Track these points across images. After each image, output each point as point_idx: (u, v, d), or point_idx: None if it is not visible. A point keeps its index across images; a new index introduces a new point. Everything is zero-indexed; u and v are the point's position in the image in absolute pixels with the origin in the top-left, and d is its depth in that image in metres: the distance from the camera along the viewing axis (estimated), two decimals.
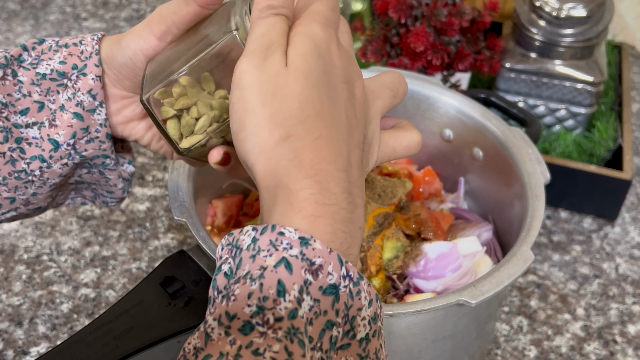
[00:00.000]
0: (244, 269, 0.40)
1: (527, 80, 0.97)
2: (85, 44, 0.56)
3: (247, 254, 0.40)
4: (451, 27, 0.93)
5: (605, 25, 0.94)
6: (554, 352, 0.79)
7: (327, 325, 0.39)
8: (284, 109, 0.43)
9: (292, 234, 0.40)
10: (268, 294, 0.38)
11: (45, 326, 0.78)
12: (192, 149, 0.54)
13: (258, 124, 0.43)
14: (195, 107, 0.54)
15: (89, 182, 0.62)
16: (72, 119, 0.56)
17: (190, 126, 0.54)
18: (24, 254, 0.86)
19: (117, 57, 0.56)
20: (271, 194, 0.43)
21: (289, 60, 0.44)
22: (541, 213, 0.66)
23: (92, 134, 0.57)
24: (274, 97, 0.43)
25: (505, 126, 0.74)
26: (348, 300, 0.40)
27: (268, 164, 0.43)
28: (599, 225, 0.93)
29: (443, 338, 0.63)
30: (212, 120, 0.53)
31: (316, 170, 0.42)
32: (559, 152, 0.96)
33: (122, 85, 0.57)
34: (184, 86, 0.53)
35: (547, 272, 0.87)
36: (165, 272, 0.62)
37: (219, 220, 0.75)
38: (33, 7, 1.28)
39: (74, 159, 0.57)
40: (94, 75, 0.56)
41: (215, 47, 0.51)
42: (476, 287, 0.59)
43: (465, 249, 0.71)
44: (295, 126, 0.43)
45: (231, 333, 0.37)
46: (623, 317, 0.83)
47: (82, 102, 0.56)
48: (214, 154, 0.54)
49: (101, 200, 0.65)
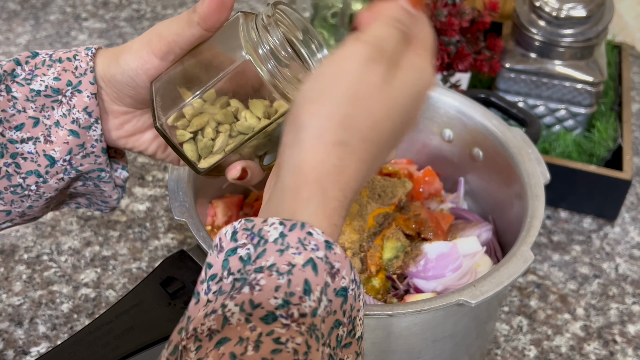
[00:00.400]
0: (267, 259, 0.40)
1: (527, 81, 0.97)
2: (80, 59, 0.56)
3: (274, 247, 0.41)
4: (451, 27, 0.93)
5: (605, 26, 0.94)
6: (553, 352, 0.79)
7: (336, 324, 0.41)
8: (359, 119, 0.44)
9: (320, 236, 0.41)
10: (295, 290, 0.40)
11: (45, 326, 0.78)
12: (210, 167, 0.55)
13: (332, 112, 0.43)
14: (209, 127, 0.54)
15: (84, 193, 0.62)
16: (68, 135, 0.56)
17: (208, 147, 0.55)
18: (24, 254, 0.86)
19: (116, 76, 0.55)
20: (309, 185, 0.43)
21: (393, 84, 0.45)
22: (541, 213, 0.66)
23: (87, 150, 0.57)
24: (359, 103, 0.44)
25: (505, 126, 0.74)
26: (353, 302, 0.42)
27: (318, 154, 0.43)
28: (598, 225, 0.93)
29: (443, 338, 0.63)
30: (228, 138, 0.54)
31: (348, 186, 0.44)
32: (558, 152, 0.96)
33: (122, 102, 0.57)
34: (197, 107, 0.53)
35: (547, 272, 0.87)
36: (165, 272, 0.62)
37: (219, 220, 0.75)
38: (33, 7, 1.28)
39: (69, 173, 0.57)
40: (89, 93, 0.55)
41: (229, 72, 0.51)
42: (476, 287, 0.59)
43: (465, 249, 0.71)
44: (356, 140, 0.44)
45: (252, 320, 0.38)
46: (623, 317, 0.83)
47: (77, 119, 0.56)
48: (232, 171, 0.55)
49: (95, 208, 0.65)
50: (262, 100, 0.53)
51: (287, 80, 0.52)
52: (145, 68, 0.54)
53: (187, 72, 0.54)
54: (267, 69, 0.51)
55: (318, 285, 0.40)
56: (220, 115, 0.54)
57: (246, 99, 0.54)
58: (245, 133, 0.54)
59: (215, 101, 0.54)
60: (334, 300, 0.41)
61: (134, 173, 0.96)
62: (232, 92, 0.53)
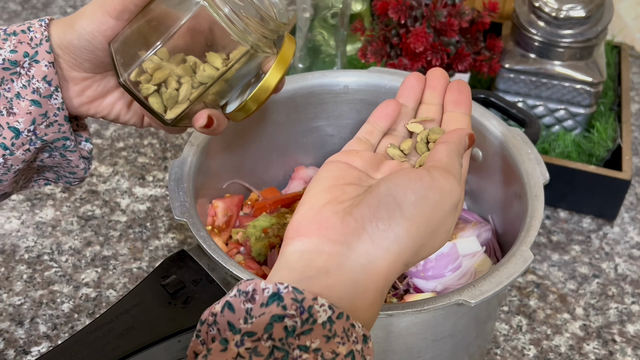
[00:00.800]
0: (313, 341, 0.41)
1: (526, 81, 0.97)
2: (34, 30, 0.57)
3: (322, 331, 0.42)
4: (451, 28, 0.94)
5: (605, 26, 0.94)
6: (553, 352, 0.79)
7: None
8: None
9: (360, 329, 0.43)
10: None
11: (46, 326, 0.78)
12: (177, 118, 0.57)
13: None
14: (172, 78, 0.56)
15: (51, 166, 0.63)
16: (30, 106, 0.57)
17: (173, 97, 0.57)
18: (24, 253, 0.86)
19: (73, 41, 0.56)
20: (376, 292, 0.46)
21: None
22: (540, 213, 0.66)
23: (50, 119, 0.58)
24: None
25: (504, 126, 0.75)
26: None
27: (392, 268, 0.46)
28: (598, 225, 0.94)
29: (442, 338, 0.63)
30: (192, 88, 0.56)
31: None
32: (558, 153, 0.96)
33: (81, 68, 0.58)
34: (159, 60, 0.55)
35: (546, 272, 0.87)
36: (165, 271, 0.62)
37: (219, 220, 0.75)
38: (34, 8, 1.28)
39: (35, 144, 0.58)
40: (46, 62, 0.56)
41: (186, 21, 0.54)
42: (476, 286, 0.59)
43: (464, 248, 0.71)
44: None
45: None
46: (622, 316, 0.83)
47: (38, 89, 0.57)
48: (199, 119, 0.57)
49: (64, 181, 0.66)
50: (218, 54, 0.56)
51: (243, 21, 0.54)
52: (101, 29, 0.55)
53: (145, 27, 0.56)
54: (224, 14, 0.53)
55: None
56: (179, 70, 0.56)
57: (202, 54, 0.56)
58: (207, 82, 0.56)
59: (171, 59, 0.56)
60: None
61: (135, 173, 0.97)
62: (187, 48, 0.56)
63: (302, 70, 1.01)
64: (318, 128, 0.83)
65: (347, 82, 0.80)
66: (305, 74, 0.80)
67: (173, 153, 1.00)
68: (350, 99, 0.81)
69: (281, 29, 0.57)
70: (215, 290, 0.61)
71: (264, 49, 0.56)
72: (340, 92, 0.81)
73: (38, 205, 0.92)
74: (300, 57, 1.00)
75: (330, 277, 0.44)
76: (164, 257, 0.85)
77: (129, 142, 1.01)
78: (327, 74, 0.80)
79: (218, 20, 0.54)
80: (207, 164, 0.72)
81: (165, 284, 0.61)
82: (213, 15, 0.53)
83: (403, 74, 0.80)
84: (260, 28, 0.55)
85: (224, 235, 0.75)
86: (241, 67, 0.56)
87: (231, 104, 0.60)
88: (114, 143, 1.01)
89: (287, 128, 0.81)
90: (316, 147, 0.85)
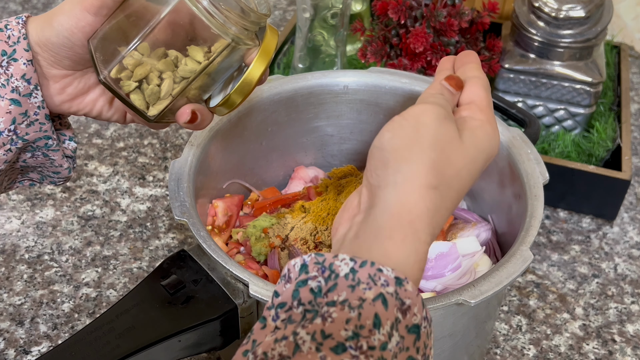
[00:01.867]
0: (340, 294, 0.42)
1: (526, 81, 0.97)
2: (11, 28, 0.56)
3: (345, 282, 0.42)
4: (450, 28, 0.94)
5: (604, 26, 0.94)
6: (552, 352, 0.79)
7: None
8: (443, 167, 0.46)
9: (390, 272, 0.42)
10: (365, 323, 0.41)
11: (46, 325, 0.78)
12: (159, 114, 0.57)
13: (422, 158, 0.46)
14: (153, 74, 0.55)
15: (34, 166, 0.63)
16: (9, 105, 0.56)
17: (155, 94, 0.56)
18: (25, 253, 0.86)
19: (51, 38, 0.56)
20: (403, 228, 0.45)
21: (465, 142, 0.48)
22: (540, 213, 0.66)
23: (31, 117, 0.57)
24: (442, 152, 0.47)
25: (504, 126, 0.75)
26: (426, 340, 0.43)
27: (413, 196, 0.45)
28: (597, 225, 0.94)
29: (442, 337, 0.63)
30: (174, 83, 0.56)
31: (435, 232, 0.46)
32: (557, 152, 0.96)
33: (61, 65, 0.57)
34: (140, 56, 0.55)
35: (546, 272, 0.87)
36: (165, 271, 0.62)
37: (219, 220, 0.75)
38: (34, 8, 1.28)
39: (16, 143, 0.58)
40: (25, 60, 0.56)
41: (165, 15, 0.53)
42: (475, 286, 0.59)
43: (464, 248, 0.71)
44: (443, 186, 0.46)
45: (322, 350, 0.39)
46: (622, 316, 0.83)
47: (17, 87, 0.56)
48: (182, 114, 0.57)
49: (49, 181, 0.65)
50: (200, 47, 0.55)
51: (223, 13, 0.53)
52: (80, 26, 0.55)
53: (123, 23, 0.55)
54: (203, 7, 0.53)
55: (388, 320, 0.41)
56: (160, 65, 0.55)
57: (183, 48, 0.56)
58: (188, 77, 0.56)
59: (152, 54, 0.55)
60: (406, 337, 0.42)
61: (135, 173, 0.97)
62: (168, 43, 0.55)
63: (302, 70, 1.01)
64: (318, 128, 0.83)
65: (347, 82, 0.81)
66: (305, 74, 0.80)
67: (173, 153, 1.00)
68: (350, 99, 0.82)
69: (262, 20, 0.56)
70: (215, 290, 0.61)
71: (246, 42, 0.56)
72: (340, 92, 0.81)
73: (38, 205, 0.92)
74: (300, 57, 1.00)
75: (358, 239, 0.45)
76: (164, 257, 0.86)
77: (129, 142, 1.02)
78: (327, 74, 0.80)
79: (197, 13, 0.53)
80: (207, 164, 0.72)
81: (165, 283, 0.61)
82: (192, 9, 0.53)
83: (403, 74, 0.80)
84: (241, 20, 0.54)
85: (224, 235, 0.75)
86: (223, 60, 0.56)
87: (215, 98, 0.60)
88: (114, 143, 1.01)
89: (287, 128, 0.81)
90: (316, 147, 0.85)
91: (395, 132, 0.47)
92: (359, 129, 0.84)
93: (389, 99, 0.81)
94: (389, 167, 0.46)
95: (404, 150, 0.46)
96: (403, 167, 0.46)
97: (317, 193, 0.78)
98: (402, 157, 0.46)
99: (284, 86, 0.78)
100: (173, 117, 0.58)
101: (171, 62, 0.56)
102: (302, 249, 0.70)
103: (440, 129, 0.47)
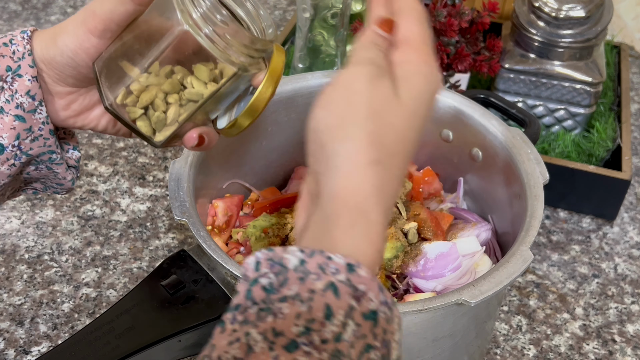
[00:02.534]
0: (291, 289, 0.40)
1: (526, 81, 0.97)
2: (16, 43, 0.56)
3: (295, 275, 0.40)
4: (450, 28, 0.94)
5: (604, 26, 0.94)
6: (553, 352, 0.79)
7: (366, 349, 0.40)
8: (384, 135, 0.43)
9: (340, 259, 0.40)
10: (316, 316, 0.39)
11: (46, 325, 0.78)
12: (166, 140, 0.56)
13: (358, 133, 0.43)
14: (158, 99, 0.55)
15: (38, 177, 0.62)
16: (14, 121, 0.56)
17: (161, 121, 0.55)
18: (25, 253, 0.86)
19: (55, 57, 0.55)
20: (349, 212, 0.42)
21: (403, 96, 0.45)
22: (540, 213, 0.66)
23: (35, 133, 0.57)
24: (380, 118, 0.43)
25: (504, 126, 0.75)
26: (385, 325, 0.41)
27: (355, 177, 0.43)
28: (597, 225, 0.94)
29: (442, 337, 0.63)
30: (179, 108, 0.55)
31: (388, 206, 0.43)
32: (558, 152, 0.96)
33: (65, 82, 0.57)
34: (144, 82, 0.54)
35: (546, 272, 0.87)
36: (165, 271, 0.62)
37: (219, 220, 0.75)
38: (34, 8, 1.28)
39: (20, 158, 0.57)
40: (30, 76, 0.55)
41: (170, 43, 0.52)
42: (475, 286, 0.59)
43: (464, 248, 0.71)
44: (387, 156, 0.43)
45: (275, 349, 0.38)
46: (622, 316, 0.83)
47: (21, 104, 0.56)
48: (189, 139, 0.56)
49: (52, 191, 0.65)
50: (205, 64, 0.54)
51: (228, 43, 0.52)
52: (84, 47, 0.54)
53: (127, 48, 0.55)
54: (205, 35, 0.51)
55: (341, 309, 0.40)
56: (166, 86, 0.54)
57: (189, 65, 0.54)
58: (195, 100, 0.55)
59: (159, 71, 0.54)
60: (362, 324, 0.40)
61: (135, 173, 0.97)
62: (174, 60, 0.54)
63: (302, 70, 1.01)
64: None
65: None
66: (305, 74, 0.80)
67: (173, 153, 1.00)
68: None
69: (268, 47, 0.55)
70: (215, 290, 0.61)
71: (252, 69, 0.55)
72: None
73: (38, 205, 0.92)
74: (300, 57, 1.00)
75: (309, 230, 0.44)
76: (164, 257, 0.85)
77: (129, 142, 1.02)
78: (327, 74, 0.80)
79: (202, 43, 0.52)
80: (207, 164, 0.72)
81: (165, 284, 0.61)
82: (197, 39, 0.52)
83: None
84: (247, 50, 0.53)
85: (224, 235, 0.75)
86: (230, 86, 0.55)
87: (221, 119, 0.59)
88: (114, 143, 1.01)
89: (287, 128, 0.81)
90: None
91: (327, 107, 0.44)
92: None
93: None
94: (326, 150, 0.43)
95: (338, 128, 0.43)
96: (339, 147, 0.43)
97: None
98: (337, 136, 0.43)
99: (284, 86, 0.78)
100: (180, 140, 0.58)
101: (177, 82, 0.55)
102: None
103: (375, 92, 0.44)
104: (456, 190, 0.81)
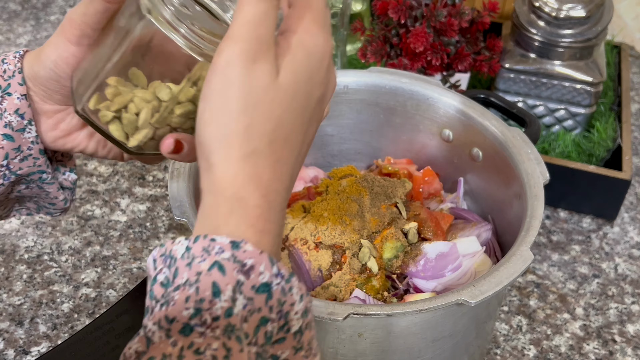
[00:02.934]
0: (182, 277, 0.41)
1: (526, 81, 0.97)
2: (8, 62, 0.55)
3: (183, 262, 0.41)
4: (451, 28, 0.94)
5: (605, 26, 0.94)
6: (553, 352, 0.79)
7: (262, 322, 0.41)
8: (261, 126, 0.43)
9: (224, 239, 0.41)
10: (204, 295, 0.40)
11: (46, 326, 0.78)
12: (141, 145, 0.53)
13: (232, 128, 0.43)
14: (132, 103, 0.52)
15: (30, 196, 0.61)
16: (2, 140, 0.55)
17: (132, 123, 0.52)
18: (24, 253, 0.86)
19: (39, 72, 0.54)
20: (227, 200, 0.43)
21: (281, 72, 0.44)
22: (540, 213, 0.66)
23: (24, 152, 0.56)
24: (256, 109, 0.43)
25: (504, 126, 0.75)
26: (281, 296, 0.42)
27: (230, 171, 0.43)
28: (598, 225, 0.94)
29: (442, 337, 0.63)
30: (153, 111, 0.52)
31: (269, 190, 0.44)
32: (558, 152, 0.96)
33: (52, 100, 0.56)
34: (115, 86, 0.52)
35: (546, 272, 0.87)
36: None
37: None
38: (34, 8, 1.28)
39: (9, 178, 0.56)
40: (19, 95, 0.55)
41: (134, 38, 0.50)
42: (475, 286, 0.59)
43: (464, 248, 0.71)
44: (264, 144, 0.44)
45: (172, 335, 0.39)
46: (622, 316, 0.83)
47: (10, 122, 0.55)
48: (165, 144, 0.52)
49: (45, 212, 0.64)
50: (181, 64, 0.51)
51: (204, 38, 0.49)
52: (63, 57, 0.53)
53: (101, 52, 0.53)
54: (181, 34, 0.49)
55: (228, 285, 0.40)
56: (140, 92, 0.52)
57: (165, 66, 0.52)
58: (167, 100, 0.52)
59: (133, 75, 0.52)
60: (255, 298, 0.41)
61: (135, 173, 0.97)
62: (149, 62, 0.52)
63: None
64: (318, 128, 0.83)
65: (347, 82, 0.80)
66: None
67: None
68: (350, 99, 0.81)
69: None
70: None
71: None
72: (340, 92, 0.81)
73: None
74: None
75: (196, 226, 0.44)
76: None
77: None
78: None
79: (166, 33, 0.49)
80: None
81: None
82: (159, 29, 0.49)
83: (403, 74, 0.80)
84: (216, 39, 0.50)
85: None
86: None
87: None
88: None
89: None
90: (316, 147, 0.85)
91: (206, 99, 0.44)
92: (359, 129, 0.84)
93: (389, 99, 0.81)
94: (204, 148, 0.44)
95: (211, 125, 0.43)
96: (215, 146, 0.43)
97: (317, 193, 0.78)
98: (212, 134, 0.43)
99: None
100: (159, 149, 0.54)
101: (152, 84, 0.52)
102: (302, 249, 0.70)
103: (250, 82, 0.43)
104: (456, 190, 0.81)
